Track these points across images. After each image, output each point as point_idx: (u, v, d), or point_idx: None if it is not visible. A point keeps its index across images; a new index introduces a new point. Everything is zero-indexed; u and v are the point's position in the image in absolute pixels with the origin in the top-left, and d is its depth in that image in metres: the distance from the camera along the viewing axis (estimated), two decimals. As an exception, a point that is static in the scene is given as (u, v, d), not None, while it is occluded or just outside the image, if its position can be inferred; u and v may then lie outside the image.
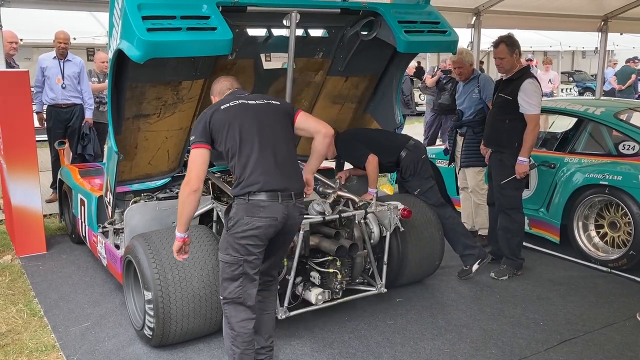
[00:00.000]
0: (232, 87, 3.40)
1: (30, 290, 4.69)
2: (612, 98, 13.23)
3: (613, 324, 4.07)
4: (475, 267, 4.81)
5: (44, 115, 7.06)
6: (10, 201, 5.47)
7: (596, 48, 10.45)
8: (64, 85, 6.80)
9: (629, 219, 4.92)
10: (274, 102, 3.29)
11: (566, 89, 20.21)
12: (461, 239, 4.82)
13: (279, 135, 3.16)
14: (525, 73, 4.74)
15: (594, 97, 12.35)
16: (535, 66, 13.55)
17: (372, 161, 4.67)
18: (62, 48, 6.77)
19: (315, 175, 4.92)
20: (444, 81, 8.70)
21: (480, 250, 4.87)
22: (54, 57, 6.81)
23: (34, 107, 7.00)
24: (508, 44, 4.73)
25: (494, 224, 5.14)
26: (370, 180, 4.72)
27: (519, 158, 4.71)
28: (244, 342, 3.10)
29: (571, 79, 22.79)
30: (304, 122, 3.31)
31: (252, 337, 3.14)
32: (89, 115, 7.02)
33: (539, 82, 4.81)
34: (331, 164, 5.98)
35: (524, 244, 5.32)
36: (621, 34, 13.88)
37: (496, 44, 4.80)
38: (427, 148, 7.40)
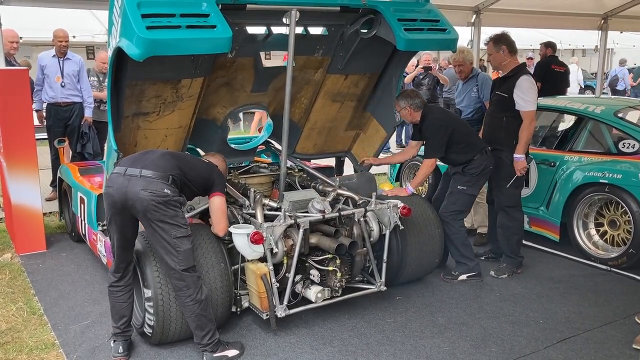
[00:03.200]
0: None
1: (30, 289, 4.69)
2: (613, 96, 13.30)
3: (612, 322, 4.07)
4: (463, 277, 4.79)
5: (44, 114, 7.07)
6: (10, 199, 5.47)
7: (596, 46, 10.44)
8: (63, 84, 6.79)
9: (628, 217, 4.92)
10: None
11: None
12: (461, 248, 4.78)
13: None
14: (521, 70, 4.76)
15: (594, 96, 12.35)
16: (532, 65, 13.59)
17: (432, 164, 4.71)
18: (63, 46, 6.77)
19: (315, 173, 4.94)
20: (421, 77, 9.05)
21: (476, 266, 4.83)
22: (53, 56, 6.80)
23: (34, 106, 7.02)
24: (494, 40, 4.82)
25: (493, 223, 5.14)
26: (416, 180, 4.74)
27: (515, 155, 4.70)
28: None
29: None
30: None
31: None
32: (88, 113, 7.01)
33: (534, 79, 4.82)
34: (331, 162, 5.99)
35: (524, 242, 5.33)
36: (621, 32, 13.89)
37: (487, 42, 4.92)
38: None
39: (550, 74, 8.02)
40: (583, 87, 17.90)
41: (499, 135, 4.82)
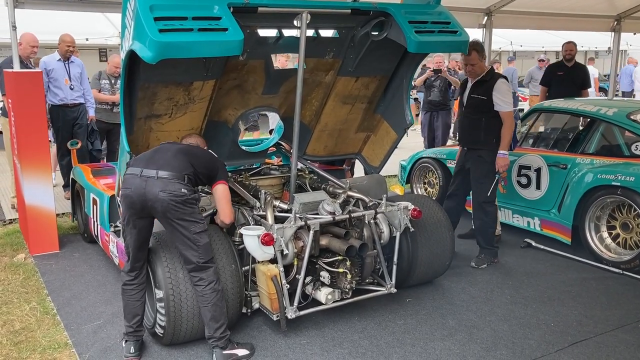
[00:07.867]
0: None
1: (43, 289, 4.74)
2: (626, 99, 13.18)
3: (625, 326, 4.05)
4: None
5: (48, 116, 7.13)
6: (24, 200, 5.53)
7: (609, 48, 10.37)
8: (72, 86, 6.90)
9: (641, 220, 4.89)
10: None
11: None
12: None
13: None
14: (495, 74, 5.10)
15: (606, 98, 12.27)
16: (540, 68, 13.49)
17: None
18: (70, 52, 6.87)
19: (326, 175, 4.95)
20: (432, 79, 9.08)
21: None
22: (59, 60, 6.89)
23: None
24: (478, 50, 5.08)
25: (454, 217, 5.36)
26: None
27: (500, 152, 5.01)
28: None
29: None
30: None
31: None
32: (92, 113, 7.21)
33: (508, 81, 5.12)
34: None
35: (535, 244, 5.40)
36: (634, 34, 13.76)
37: (469, 52, 5.01)
38: (439, 149, 7.42)
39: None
40: None
41: (478, 135, 5.11)
